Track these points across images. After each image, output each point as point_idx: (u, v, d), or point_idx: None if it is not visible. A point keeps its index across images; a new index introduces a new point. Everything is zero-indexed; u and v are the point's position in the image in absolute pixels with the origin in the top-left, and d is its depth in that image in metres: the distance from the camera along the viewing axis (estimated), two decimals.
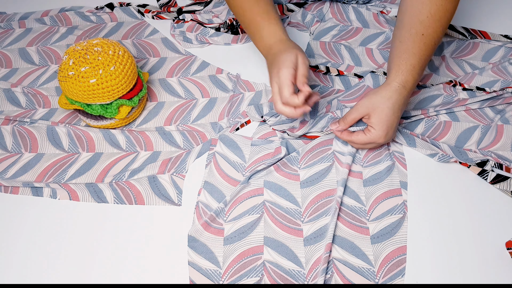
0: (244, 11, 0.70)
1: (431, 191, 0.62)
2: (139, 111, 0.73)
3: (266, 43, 0.67)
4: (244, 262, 0.56)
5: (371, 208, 0.60)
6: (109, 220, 0.61)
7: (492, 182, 0.62)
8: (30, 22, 0.92)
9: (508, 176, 0.62)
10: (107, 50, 0.66)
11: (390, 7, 0.93)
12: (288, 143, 0.67)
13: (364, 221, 0.59)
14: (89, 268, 0.56)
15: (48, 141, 0.70)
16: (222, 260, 0.56)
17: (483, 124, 0.70)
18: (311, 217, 0.60)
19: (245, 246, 0.57)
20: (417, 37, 0.62)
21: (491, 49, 0.83)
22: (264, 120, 0.71)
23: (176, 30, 0.89)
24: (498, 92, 0.72)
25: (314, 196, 0.62)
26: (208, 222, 0.59)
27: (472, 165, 0.64)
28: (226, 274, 0.55)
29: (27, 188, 0.64)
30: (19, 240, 0.59)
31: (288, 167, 0.65)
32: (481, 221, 0.59)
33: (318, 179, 0.63)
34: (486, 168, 0.63)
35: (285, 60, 0.61)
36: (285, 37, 0.67)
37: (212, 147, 0.68)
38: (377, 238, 0.57)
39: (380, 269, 0.55)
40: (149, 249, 0.58)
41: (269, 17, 0.68)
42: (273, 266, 0.56)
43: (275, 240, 0.58)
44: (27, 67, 0.83)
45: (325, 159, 0.65)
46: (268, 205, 0.61)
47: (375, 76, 0.77)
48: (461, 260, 0.55)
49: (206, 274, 0.55)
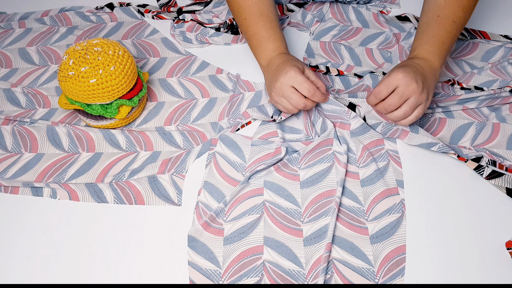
0: (248, 23, 0.72)
1: (428, 191, 0.62)
2: (139, 111, 0.73)
3: (269, 56, 0.70)
4: (244, 262, 0.56)
5: (370, 208, 0.60)
6: (109, 220, 0.61)
7: (488, 177, 0.63)
8: (30, 22, 0.92)
9: (502, 173, 0.62)
10: (107, 50, 0.66)
11: (390, 7, 0.93)
12: (288, 144, 0.67)
13: (363, 221, 0.59)
14: (89, 268, 0.56)
15: (48, 141, 0.70)
16: (222, 260, 0.56)
17: (478, 121, 0.71)
18: (311, 217, 0.60)
19: (245, 246, 0.57)
20: (433, 18, 0.66)
21: (491, 49, 0.83)
22: (274, 119, 0.70)
23: (176, 30, 0.89)
24: (495, 90, 0.72)
25: (314, 196, 0.62)
26: (208, 222, 0.59)
27: (469, 160, 0.64)
28: (226, 274, 0.55)
29: (27, 188, 0.64)
30: (19, 240, 0.59)
31: (288, 167, 0.65)
32: (481, 221, 0.59)
33: (318, 180, 0.63)
34: (482, 164, 0.63)
35: (298, 62, 0.67)
36: (288, 53, 0.72)
37: (212, 147, 0.68)
38: (376, 238, 0.57)
39: (380, 269, 0.55)
40: (149, 249, 0.58)
41: (274, 33, 0.71)
42: (273, 266, 0.56)
43: (275, 240, 0.58)
44: (27, 67, 0.83)
45: (325, 159, 0.65)
46: (268, 205, 0.61)
47: (374, 76, 0.77)
48: (461, 260, 0.55)
49: (206, 274, 0.55)
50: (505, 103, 0.72)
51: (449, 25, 0.66)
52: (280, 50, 0.70)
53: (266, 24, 0.71)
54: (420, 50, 0.66)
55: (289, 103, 0.65)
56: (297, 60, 0.68)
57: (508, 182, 0.62)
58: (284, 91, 0.64)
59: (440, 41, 0.65)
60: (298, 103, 0.64)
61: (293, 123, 0.72)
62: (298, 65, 0.66)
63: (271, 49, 0.70)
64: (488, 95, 0.72)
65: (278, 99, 0.66)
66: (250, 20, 0.72)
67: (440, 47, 0.65)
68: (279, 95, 0.65)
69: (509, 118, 0.70)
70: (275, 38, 0.71)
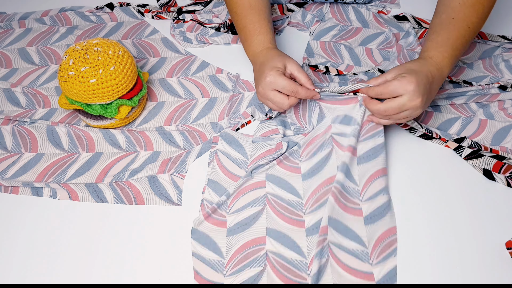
0: (238, 16, 0.72)
1: (428, 191, 0.63)
2: (139, 111, 0.73)
3: (254, 51, 0.69)
4: (247, 253, 0.57)
5: (364, 188, 0.61)
6: (109, 220, 0.61)
7: (466, 158, 0.64)
8: (30, 22, 0.92)
9: (481, 154, 0.64)
10: (107, 50, 0.66)
11: (390, 7, 0.93)
12: (289, 138, 0.68)
13: (357, 202, 0.60)
14: (89, 268, 0.56)
15: (48, 141, 0.70)
16: (225, 251, 0.57)
17: (464, 116, 0.71)
18: (313, 208, 0.60)
19: (247, 237, 0.58)
20: (447, 20, 0.64)
21: (488, 49, 0.83)
22: (270, 117, 0.71)
23: (176, 30, 0.89)
24: (484, 86, 0.72)
25: (315, 186, 0.62)
26: (210, 214, 0.60)
27: (450, 141, 0.65)
28: (229, 264, 0.56)
29: (27, 188, 0.64)
30: (19, 240, 0.59)
31: (290, 161, 0.65)
32: (481, 221, 0.59)
33: (318, 168, 0.63)
34: (463, 145, 0.64)
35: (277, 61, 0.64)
36: (273, 46, 0.69)
37: (214, 145, 0.68)
38: (370, 219, 0.58)
39: (374, 250, 0.56)
40: (149, 249, 0.58)
41: (260, 26, 0.70)
42: (275, 256, 0.56)
43: (278, 231, 0.58)
44: (27, 67, 0.83)
45: (324, 146, 0.65)
46: (270, 197, 0.61)
47: (371, 75, 0.77)
48: (460, 260, 0.55)
49: (209, 264, 0.56)
50: (493, 100, 0.72)
51: (463, 29, 0.64)
52: (263, 44, 0.69)
53: (254, 18, 0.71)
54: (434, 52, 0.63)
55: (274, 104, 0.65)
56: (277, 57, 0.65)
57: (486, 163, 0.63)
58: (267, 95, 0.64)
59: (454, 46, 0.63)
60: (283, 104, 0.64)
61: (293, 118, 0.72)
62: (278, 64, 0.64)
63: (256, 43, 0.70)
64: (476, 91, 0.72)
65: (264, 101, 0.66)
66: (240, 14, 0.72)
67: (453, 52, 0.63)
68: (263, 98, 0.65)
69: (497, 115, 0.71)
70: (260, 31, 0.70)
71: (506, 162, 0.63)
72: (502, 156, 0.63)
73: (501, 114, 0.70)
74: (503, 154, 0.64)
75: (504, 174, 0.63)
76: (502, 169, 0.63)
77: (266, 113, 0.72)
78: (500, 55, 0.80)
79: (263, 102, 0.66)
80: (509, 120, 0.70)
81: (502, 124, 0.69)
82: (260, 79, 0.64)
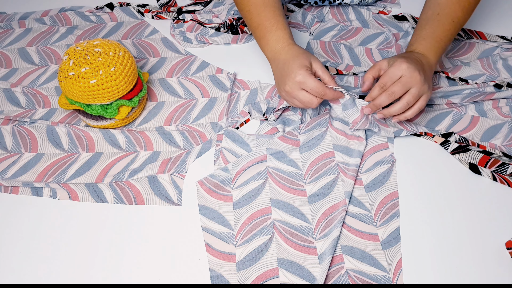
0: (252, 15, 0.71)
1: (428, 192, 0.63)
2: (139, 111, 0.73)
3: (273, 48, 0.68)
4: (254, 223, 0.59)
5: (362, 161, 0.65)
6: (109, 220, 0.61)
7: (453, 152, 0.66)
8: (30, 22, 0.92)
9: (468, 148, 0.65)
10: (107, 51, 0.66)
11: (390, 7, 0.93)
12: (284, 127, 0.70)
13: (357, 170, 0.64)
14: (89, 268, 0.56)
15: (48, 141, 0.70)
16: (233, 223, 0.60)
17: (456, 110, 0.71)
18: (313, 178, 0.64)
19: (254, 208, 0.61)
20: (432, 16, 0.68)
21: (487, 49, 0.83)
22: (266, 118, 0.71)
23: (176, 30, 0.89)
24: (479, 84, 0.72)
25: (313, 159, 0.66)
26: (213, 189, 0.62)
27: (436, 135, 0.67)
28: (239, 235, 0.58)
29: (27, 188, 0.64)
30: (19, 240, 0.59)
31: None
32: (481, 221, 0.59)
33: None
34: (450, 139, 0.66)
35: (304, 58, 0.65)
36: (293, 42, 0.69)
37: (218, 143, 0.68)
38: (370, 187, 0.63)
39: (377, 213, 0.60)
40: (149, 249, 0.58)
41: (277, 21, 0.69)
42: (282, 224, 0.59)
43: (281, 201, 0.61)
44: (27, 67, 0.83)
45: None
46: (271, 170, 0.65)
47: None
48: (460, 260, 0.55)
49: (220, 236, 0.58)
50: (488, 99, 0.72)
51: (448, 23, 0.67)
52: (283, 41, 0.68)
53: (269, 14, 0.69)
54: (417, 45, 0.67)
55: (302, 103, 0.65)
56: (303, 55, 0.65)
57: (472, 157, 0.64)
58: (295, 94, 0.64)
59: (438, 38, 0.67)
60: (312, 104, 0.64)
61: (293, 116, 0.72)
62: (306, 62, 0.64)
63: (274, 39, 0.68)
64: (472, 89, 0.72)
65: (290, 100, 0.66)
66: (253, 12, 0.70)
67: (437, 44, 0.67)
68: (290, 97, 0.65)
69: (490, 113, 0.71)
70: (277, 27, 0.68)
71: (492, 157, 0.63)
72: (489, 152, 0.64)
73: (494, 112, 0.71)
74: (490, 150, 0.65)
75: (490, 168, 0.63)
76: (488, 163, 0.63)
77: (263, 113, 0.72)
78: (498, 54, 0.80)
79: (288, 100, 0.67)
80: (502, 118, 0.70)
81: (493, 122, 0.70)
82: (287, 78, 0.64)
